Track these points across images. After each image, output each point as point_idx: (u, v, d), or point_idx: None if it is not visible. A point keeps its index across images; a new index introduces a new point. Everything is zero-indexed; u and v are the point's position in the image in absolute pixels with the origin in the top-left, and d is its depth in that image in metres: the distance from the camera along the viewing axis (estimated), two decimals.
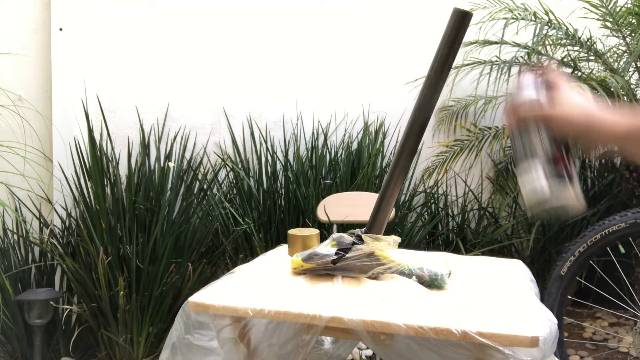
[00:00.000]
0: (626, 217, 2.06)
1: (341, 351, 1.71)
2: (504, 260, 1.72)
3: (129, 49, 2.92)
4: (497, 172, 3.02)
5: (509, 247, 2.89)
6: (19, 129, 2.81)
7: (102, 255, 2.30)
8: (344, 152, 2.86)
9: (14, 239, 2.57)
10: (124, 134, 2.92)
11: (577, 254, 2.09)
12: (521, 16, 2.63)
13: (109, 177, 2.55)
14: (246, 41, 2.97)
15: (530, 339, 1.09)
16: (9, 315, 2.42)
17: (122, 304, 2.32)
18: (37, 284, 2.58)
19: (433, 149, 3.01)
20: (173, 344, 1.41)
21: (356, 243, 1.41)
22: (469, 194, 2.98)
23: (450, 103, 3.00)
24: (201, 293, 1.35)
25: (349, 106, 3.00)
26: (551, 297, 2.11)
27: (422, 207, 2.87)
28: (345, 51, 2.99)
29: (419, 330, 1.14)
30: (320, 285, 1.38)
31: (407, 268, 1.41)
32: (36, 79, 2.84)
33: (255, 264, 1.64)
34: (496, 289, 1.41)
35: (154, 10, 2.92)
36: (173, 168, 2.67)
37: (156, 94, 2.94)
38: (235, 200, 2.80)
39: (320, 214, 2.25)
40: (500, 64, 2.74)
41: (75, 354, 2.48)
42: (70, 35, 2.82)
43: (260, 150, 2.88)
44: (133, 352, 2.40)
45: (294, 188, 2.67)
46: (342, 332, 1.23)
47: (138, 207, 2.47)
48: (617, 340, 2.63)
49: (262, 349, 1.40)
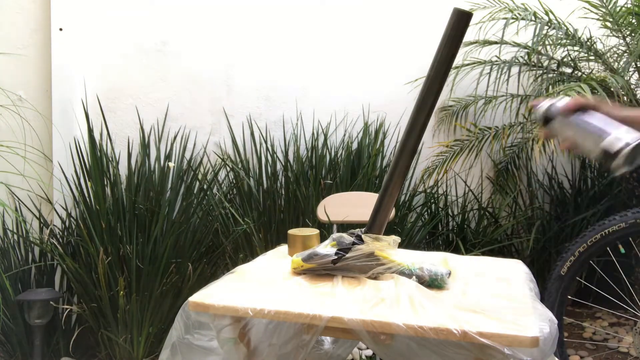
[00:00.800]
0: (626, 217, 2.06)
1: (341, 351, 1.71)
2: (504, 260, 1.72)
3: (129, 49, 2.92)
4: (497, 172, 3.02)
5: (509, 247, 2.89)
6: (19, 129, 2.81)
7: (102, 255, 2.30)
8: (344, 152, 2.86)
9: (14, 239, 2.57)
10: (124, 134, 2.92)
11: (577, 254, 2.09)
12: (521, 16, 2.63)
13: (109, 177, 2.55)
14: (246, 41, 2.97)
15: (530, 339, 1.09)
16: (9, 315, 2.42)
17: (122, 304, 2.32)
18: (37, 284, 2.58)
19: (433, 149, 3.01)
20: (173, 344, 1.41)
21: (356, 243, 1.41)
22: (469, 194, 2.98)
23: (450, 103, 3.00)
24: (201, 293, 1.35)
25: (349, 106, 3.00)
26: (551, 297, 2.11)
27: (422, 207, 2.87)
28: (346, 51, 2.99)
29: (419, 330, 1.14)
30: (320, 285, 1.38)
31: (407, 268, 1.41)
32: (36, 79, 2.84)
33: (255, 264, 1.64)
34: (496, 289, 1.41)
35: (154, 10, 2.92)
36: (173, 168, 2.67)
37: (156, 94, 2.94)
38: (235, 200, 2.80)
39: (320, 214, 2.25)
40: (500, 64, 2.74)
41: (75, 354, 2.48)
42: (70, 35, 2.82)
43: (260, 150, 2.88)
44: (133, 352, 2.40)
45: (294, 188, 2.67)
46: (342, 332, 1.23)
47: (138, 207, 2.47)
48: (617, 340, 2.63)
49: (262, 349, 1.40)
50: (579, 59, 2.74)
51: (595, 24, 2.66)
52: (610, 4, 2.53)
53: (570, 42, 2.67)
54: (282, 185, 2.78)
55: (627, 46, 2.58)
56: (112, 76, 2.92)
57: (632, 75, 2.66)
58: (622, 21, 2.52)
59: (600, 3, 2.54)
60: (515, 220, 2.94)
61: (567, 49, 2.73)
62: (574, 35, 2.65)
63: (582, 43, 2.63)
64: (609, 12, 2.53)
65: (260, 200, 2.73)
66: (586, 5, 2.56)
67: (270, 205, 2.70)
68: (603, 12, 2.55)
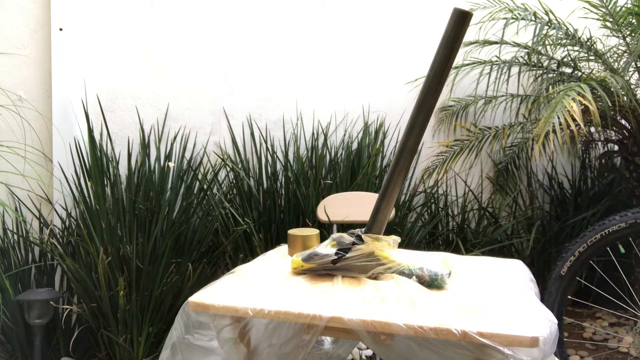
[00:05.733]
0: (626, 217, 2.06)
1: (341, 351, 1.71)
2: (504, 260, 1.72)
3: (129, 49, 2.92)
4: (497, 172, 3.02)
5: (509, 247, 2.89)
6: (19, 129, 2.81)
7: (102, 255, 2.30)
8: (344, 152, 2.86)
9: (14, 239, 2.57)
10: (124, 134, 2.92)
11: (577, 254, 2.09)
12: (521, 16, 2.63)
13: (109, 177, 2.55)
14: (246, 41, 2.97)
15: (530, 339, 1.09)
16: (9, 315, 2.42)
17: (122, 304, 2.32)
18: (37, 284, 2.58)
19: (433, 149, 3.01)
20: (173, 344, 1.41)
21: (356, 243, 1.41)
22: (469, 194, 2.99)
23: (450, 103, 3.00)
24: (201, 293, 1.35)
25: (349, 106, 3.00)
26: (551, 297, 2.11)
27: (422, 207, 2.87)
28: (345, 51, 2.99)
29: (419, 330, 1.14)
30: (320, 285, 1.38)
31: (407, 268, 1.41)
32: (36, 79, 2.84)
33: (255, 264, 1.64)
34: (496, 289, 1.41)
35: (153, 10, 2.92)
36: (173, 168, 2.67)
37: (156, 94, 2.94)
38: (235, 200, 2.80)
39: (320, 214, 2.25)
40: (500, 64, 2.74)
41: (75, 354, 2.48)
42: (70, 35, 2.82)
43: (260, 150, 2.89)
44: (133, 352, 2.40)
45: (294, 188, 2.67)
46: (342, 332, 1.23)
47: (138, 207, 2.47)
48: (617, 340, 2.63)
49: (262, 349, 1.40)
50: (579, 59, 2.74)
51: (595, 24, 2.66)
52: (610, 4, 2.53)
53: (570, 42, 2.67)
54: (282, 185, 2.78)
55: (627, 46, 2.58)
56: (112, 76, 2.92)
57: (632, 75, 2.66)
58: (622, 21, 2.52)
59: (600, 3, 2.54)
60: (515, 220, 2.94)
61: (567, 49, 2.73)
62: (574, 35, 2.65)
63: (582, 43, 2.64)
64: (609, 12, 2.53)
65: (260, 200, 2.73)
66: (586, 5, 2.56)
67: (270, 205, 2.70)
68: (603, 12, 2.55)
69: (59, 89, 2.81)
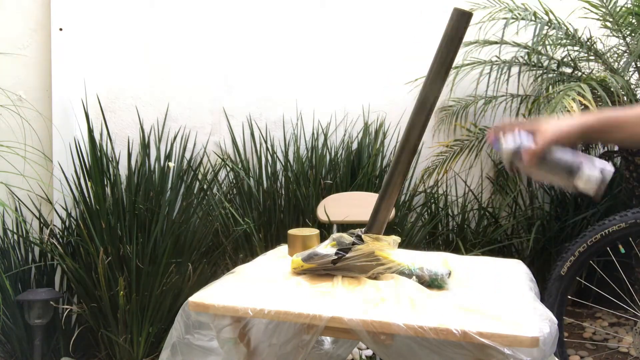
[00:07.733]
0: (626, 217, 2.05)
1: (341, 351, 1.71)
2: (504, 260, 1.72)
3: (129, 49, 2.92)
4: (497, 172, 3.02)
5: (509, 247, 2.89)
6: (19, 129, 2.81)
7: (102, 255, 2.30)
8: (344, 152, 2.86)
9: (14, 239, 2.57)
10: (124, 134, 2.92)
11: (577, 254, 2.09)
12: (521, 16, 2.63)
13: (109, 177, 2.55)
14: (246, 41, 2.97)
15: (530, 339, 1.09)
16: (9, 315, 2.42)
17: (122, 304, 2.32)
18: (37, 284, 2.58)
19: (433, 149, 3.01)
20: (173, 344, 1.41)
21: (356, 243, 1.41)
22: (469, 194, 2.98)
23: (450, 103, 3.00)
24: (201, 293, 1.35)
25: (349, 106, 3.00)
26: (551, 297, 2.11)
27: (422, 207, 2.87)
28: (346, 51, 2.99)
29: (419, 330, 1.13)
30: (320, 285, 1.38)
31: (407, 268, 1.41)
32: (36, 79, 2.84)
33: (255, 264, 1.64)
34: (496, 289, 1.40)
35: (153, 10, 2.92)
36: (173, 168, 2.67)
37: (156, 94, 2.94)
38: (235, 200, 2.80)
39: (320, 214, 2.25)
40: (500, 64, 2.74)
41: (75, 354, 2.48)
42: (70, 35, 2.82)
43: (260, 150, 2.88)
44: (133, 352, 2.40)
45: (294, 188, 2.67)
46: (342, 332, 1.23)
47: (138, 207, 2.47)
48: (617, 340, 2.63)
49: (262, 349, 1.39)
50: (579, 59, 2.73)
51: (595, 24, 2.66)
52: (610, 4, 2.53)
53: (570, 42, 2.67)
54: (282, 185, 2.78)
55: (627, 46, 2.58)
56: (112, 76, 2.92)
57: (632, 75, 2.66)
58: (622, 21, 2.52)
59: (600, 3, 2.54)
60: (515, 220, 2.94)
61: (567, 49, 2.73)
62: (574, 35, 2.65)
63: (582, 43, 2.63)
64: (609, 12, 2.53)
65: (260, 200, 2.73)
66: (586, 5, 2.56)
67: (270, 205, 2.70)
68: (603, 12, 2.55)
69: (59, 89, 2.81)
